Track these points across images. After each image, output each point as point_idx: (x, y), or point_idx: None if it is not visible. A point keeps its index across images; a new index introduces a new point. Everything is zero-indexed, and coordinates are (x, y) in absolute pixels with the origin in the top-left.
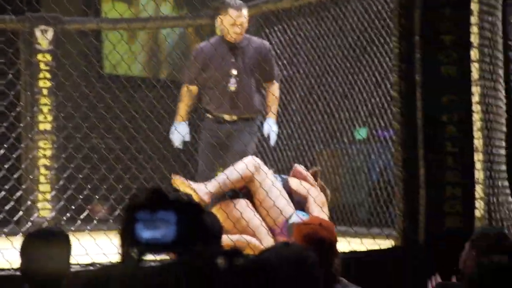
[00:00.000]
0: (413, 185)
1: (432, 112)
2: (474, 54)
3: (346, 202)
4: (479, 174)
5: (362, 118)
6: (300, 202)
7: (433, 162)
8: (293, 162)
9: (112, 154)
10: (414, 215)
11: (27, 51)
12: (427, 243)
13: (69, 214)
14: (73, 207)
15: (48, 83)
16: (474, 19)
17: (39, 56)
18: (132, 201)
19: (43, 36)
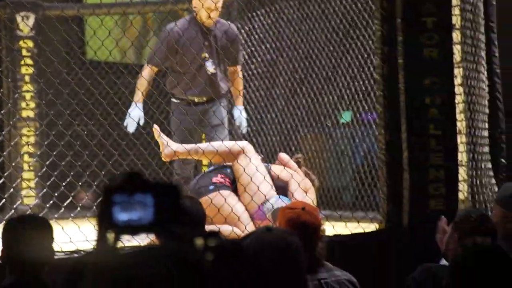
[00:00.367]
0: (396, 168)
1: (414, 95)
2: (456, 36)
3: (331, 186)
4: (462, 157)
5: (346, 101)
6: (283, 188)
7: (416, 145)
8: (277, 147)
9: (95, 140)
10: (398, 198)
11: (8, 38)
12: (411, 226)
13: (52, 202)
14: (56, 194)
15: (30, 70)
16: (455, 1)
17: (21, 42)
18: (109, 184)
19: (24, 22)
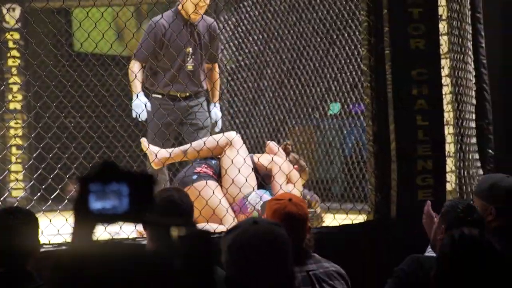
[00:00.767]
0: (384, 159)
1: (401, 86)
2: (442, 27)
3: (319, 178)
4: (450, 147)
5: (334, 93)
6: (267, 175)
7: (404, 136)
8: (265, 139)
9: (82, 132)
10: (386, 189)
11: None
12: (399, 217)
13: (40, 194)
14: (43, 187)
15: (16, 62)
16: None
17: (7, 34)
18: (83, 174)
19: (10, 14)
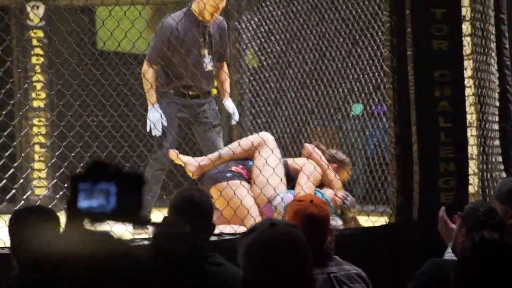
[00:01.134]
0: (406, 161)
1: (424, 87)
2: (465, 27)
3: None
4: (473, 150)
5: (356, 94)
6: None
7: (426, 138)
8: (287, 140)
9: (105, 131)
10: (408, 192)
11: (18, 28)
12: (421, 219)
13: (62, 192)
14: (66, 185)
15: (40, 60)
16: None
17: (31, 32)
18: (74, 174)
19: (34, 12)
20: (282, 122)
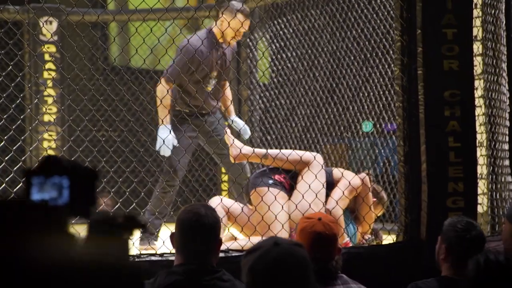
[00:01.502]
0: (415, 180)
1: (434, 106)
2: (477, 47)
3: None
4: (482, 169)
5: (367, 111)
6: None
7: (435, 158)
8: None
9: (114, 146)
10: (416, 211)
11: (31, 42)
12: (429, 239)
13: None
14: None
15: (52, 74)
16: (476, 12)
17: (43, 47)
18: (28, 168)
19: (47, 27)
20: (292, 139)
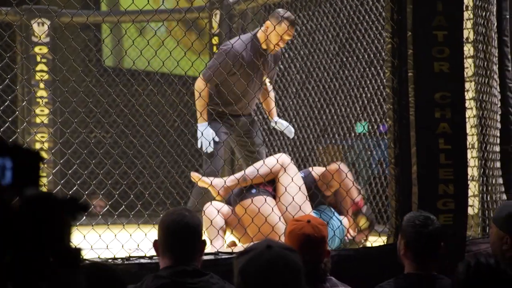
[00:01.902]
0: (405, 182)
1: (424, 108)
2: (468, 49)
3: None
4: (473, 172)
5: (362, 112)
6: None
7: (425, 159)
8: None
9: (103, 148)
10: (407, 213)
11: (23, 44)
12: None
13: None
14: None
15: (44, 76)
16: (467, 15)
17: (36, 48)
18: None
19: (39, 28)
20: (289, 140)
